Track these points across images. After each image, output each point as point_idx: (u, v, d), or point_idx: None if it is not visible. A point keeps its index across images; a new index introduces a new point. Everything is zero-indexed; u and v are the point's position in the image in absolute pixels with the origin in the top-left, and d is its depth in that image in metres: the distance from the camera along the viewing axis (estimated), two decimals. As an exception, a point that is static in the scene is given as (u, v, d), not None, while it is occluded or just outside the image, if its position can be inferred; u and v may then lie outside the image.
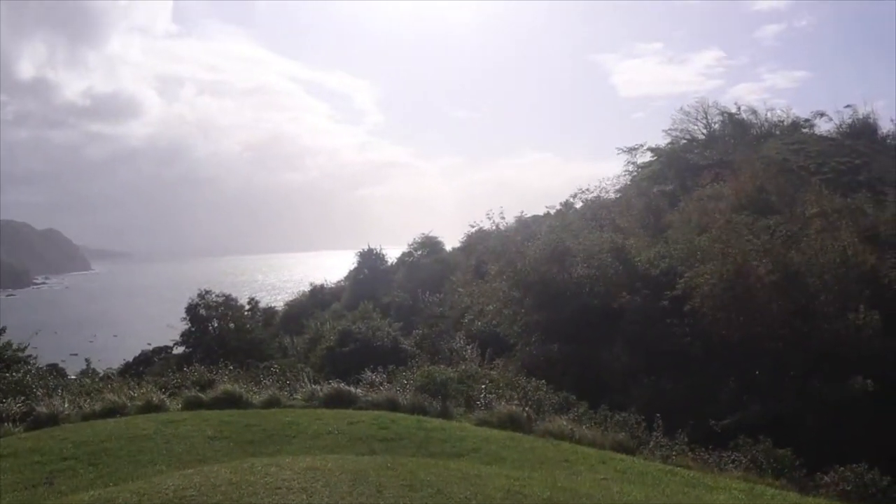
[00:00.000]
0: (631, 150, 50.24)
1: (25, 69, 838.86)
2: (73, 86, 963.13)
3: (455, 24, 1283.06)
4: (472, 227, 46.23)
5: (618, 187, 47.27)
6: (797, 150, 45.20)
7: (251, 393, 14.93)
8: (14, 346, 27.19)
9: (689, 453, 12.02)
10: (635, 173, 48.31)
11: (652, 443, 12.40)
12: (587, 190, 48.10)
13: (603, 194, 46.62)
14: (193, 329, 41.28)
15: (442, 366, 18.11)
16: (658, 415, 13.26)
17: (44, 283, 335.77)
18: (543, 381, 16.90)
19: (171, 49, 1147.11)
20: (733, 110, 52.98)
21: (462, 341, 24.98)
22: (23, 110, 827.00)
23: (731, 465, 11.85)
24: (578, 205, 47.80)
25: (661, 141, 50.68)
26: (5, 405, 14.25)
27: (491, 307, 29.70)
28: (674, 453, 11.86)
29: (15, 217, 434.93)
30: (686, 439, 12.70)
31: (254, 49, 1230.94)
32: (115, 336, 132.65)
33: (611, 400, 16.27)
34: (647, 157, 49.87)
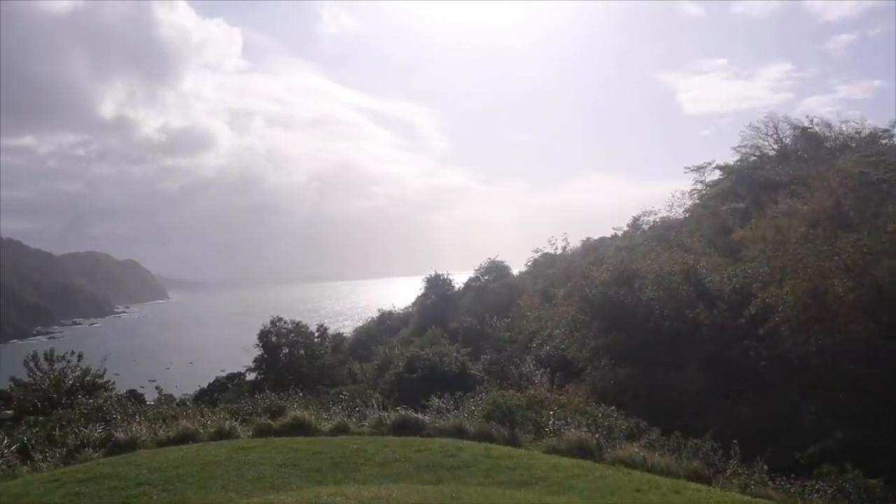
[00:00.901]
0: (699, 169, 49.09)
1: (107, 109, 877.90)
2: (150, 123, 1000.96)
3: (515, 50, 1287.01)
4: (538, 251, 45.95)
5: (686, 207, 46.21)
6: (876, 163, 43.38)
7: (320, 420, 15.05)
8: (93, 373, 28.26)
9: (770, 483, 11.49)
10: (704, 192, 47.11)
11: (729, 471, 11.90)
12: (654, 210, 47.30)
13: (671, 214, 45.74)
14: (265, 355, 42.06)
15: (510, 391, 17.93)
16: (735, 441, 12.68)
17: (124, 311, 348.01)
18: (613, 406, 16.51)
19: (241, 84, 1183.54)
20: (805, 124, 51.28)
21: (530, 366, 24.70)
22: (105, 147, 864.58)
23: (815, 495, 11.28)
24: (645, 226, 46.95)
25: (730, 158, 49.31)
26: (87, 431, 14.74)
27: (559, 331, 29.34)
28: (753, 482, 11.36)
29: (97, 248, 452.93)
30: (765, 468, 12.13)
31: (320, 81, 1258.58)
32: (190, 363, 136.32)
33: (684, 426, 15.74)
34: (716, 175, 48.62)
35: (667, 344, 24.03)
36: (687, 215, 43.92)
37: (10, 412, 30.35)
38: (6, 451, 12.63)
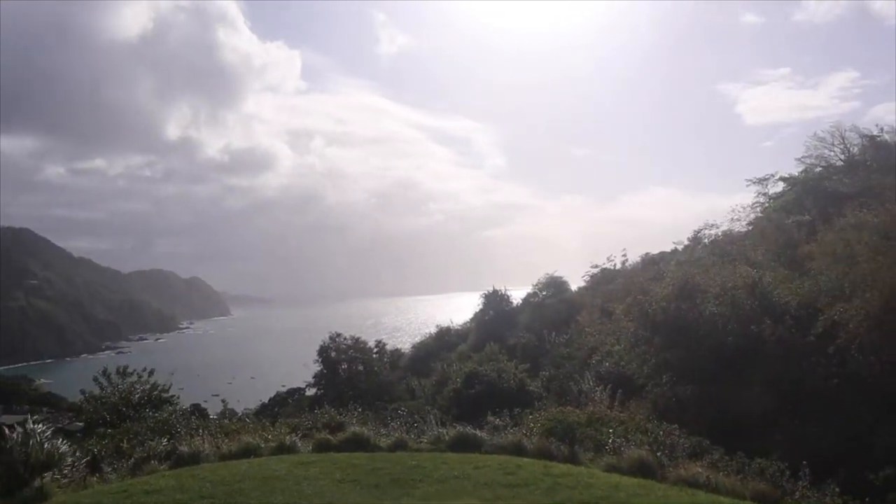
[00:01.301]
0: (761, 181, 47.76)
1: (172, 131, 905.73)
2: (213, 144, 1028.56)
3: (572, 64, 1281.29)
4: (597, 266, 45.43)
5: (748, 220, 45.05)
6: (951, 171, 41.69)
7: (379, 436, 15.14)
8: (160, 387, 29.05)
9: (842, 505, 11.11)
10: (767, 204, 45.87)
11: (798, 493, 11.51)
12: (715, 224, 46.28)
13: (732, 228, 44.67)
14: (325, 371, 42.63)
15: (569, 408, 17.74)
16: (804, 462, 12.29)
17: (188, 327, 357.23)
18: (675, 424, 16.18)
19: (300, 104, 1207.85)
20: (874, 132, 49.53)
21: (590, 382, 24.40)
22: (170, 168, 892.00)
23: (890, 518, 10.86)
24: (706, 240, 45.95)
25: (794, 169, 47.85)
26: (153, 444, 15.18)
27: (618, 347, 28.90)
28: (824, 505, 11.01)
29: (163, 266, 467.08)
30: (837, 490, 11.71)
31: (378, 100, 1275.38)
32: (252, 378, 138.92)
33: (749, 445, 15.28)
34: (780, 187, 47.29)
35: (730, 360, 23.42)
36: (749, 228, 42.83)
37: (80, 424, 31.43)
38: (77, 462, 13.06)
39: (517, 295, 59.68)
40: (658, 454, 12.71)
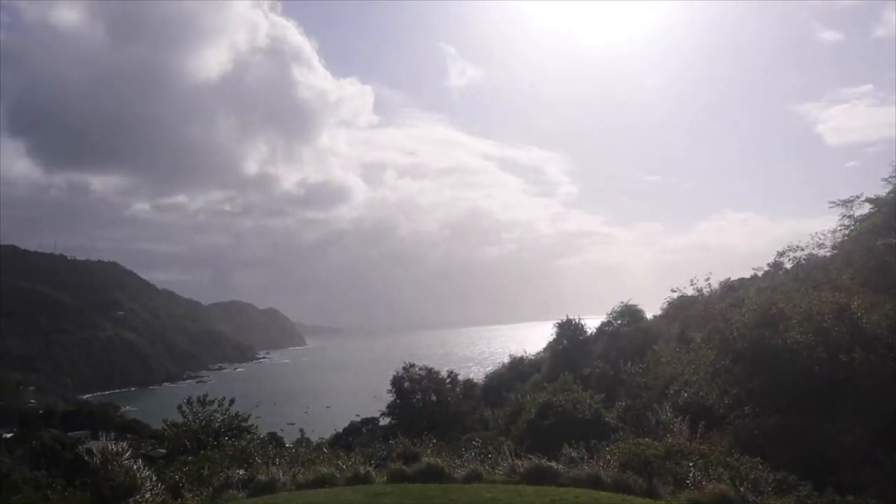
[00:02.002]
0: (846, 203, 45.80)
1: (251, 166, 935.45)
2: (289, 178, 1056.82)
3: (642, 89, 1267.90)
4: (674, 291, 44.38)
5: (833, 243, 43.26)
6: None
7: (453, 467, 15.04)
8: (240, 416, 29.68)
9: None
10: (853, 227, 44.01)
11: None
12: (797, 248, 44.60)
13: (816, 252, 42.95)
14: (398, 401, 42.75)
15: (647, 440, 17.28)
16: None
17: (265, 357, 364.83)
18: (759, 457, 15.53)
19: (373, 138, 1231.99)
20: (967, 148, 47.18)
21: (668, 413, 23.72)
22: (248, 202, 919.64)
23: None
24: (789, 265, 44.32)
25: (881, 190, 45.85)
26: (231, 472, 15.47)
27: (697, 377, 28.03)
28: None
29: (241, 298, 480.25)
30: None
31: (448, 131, 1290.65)
32: (327, 407, 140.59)
33: (839, 481, 14.55)
34: (866, 208, 45.34)
35: (818, 390, 22.41)
36: (835, 252, 41.15)
37: (162, 451, 32.35)
38: (158, 488, 13.40)
39: (591, 324, 58.81)
40: (741, 489, 12.23)
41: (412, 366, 43.98)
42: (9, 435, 77.73)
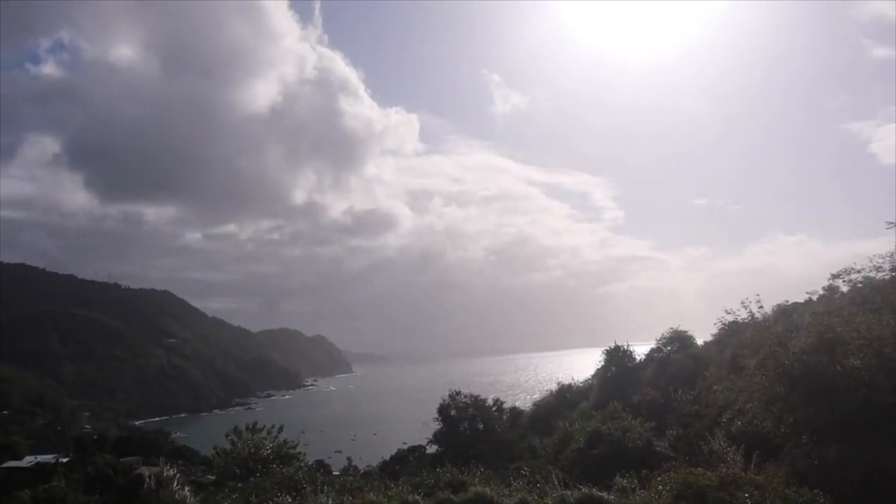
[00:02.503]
0: (904, 223, 44.54)
1: (299, 195, 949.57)
2: (336, 206, 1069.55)
3: (687, 111, 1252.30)
4: (728, 313, 43.34)
5: (892, 265, 41.88)
6: None
7: (501, 496, 14.84)
8: (288, 444, 29.81)
9: None
10: (913, 247, 42.61)
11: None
12: (854, 270, 43.26)
13: (874, 275, 41.59)
14: (445, 429, 42.47)
15: (699, 470, 16.83)
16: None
17: (312, 384, 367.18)
18: (818, 489, 14.98)
19: (419, 166, 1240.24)
20: None
21: (721, 442, 23.10)
22: (296, 231, 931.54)
23: None
24: (844, 288, 42.99)
25: (942, 209, 44.43)
26: (279, 500, 15.47)
27: (751, 404, 27.24)
28: None
29: (290, 325, 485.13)
30: None
31: (494, 158, 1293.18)
32: (374, 434, 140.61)
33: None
34: (926, 227, 43.90)
35: (881, 419, 21.56)
36: (894, 275, 39.85)
37: (212, 477, 32.67)
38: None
39: (640, 351, 58.07)
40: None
41: (458, 393, 43.70)
42: (65, 460, 79.49)
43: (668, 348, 54.13)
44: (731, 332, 44.77)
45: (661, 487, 14.62)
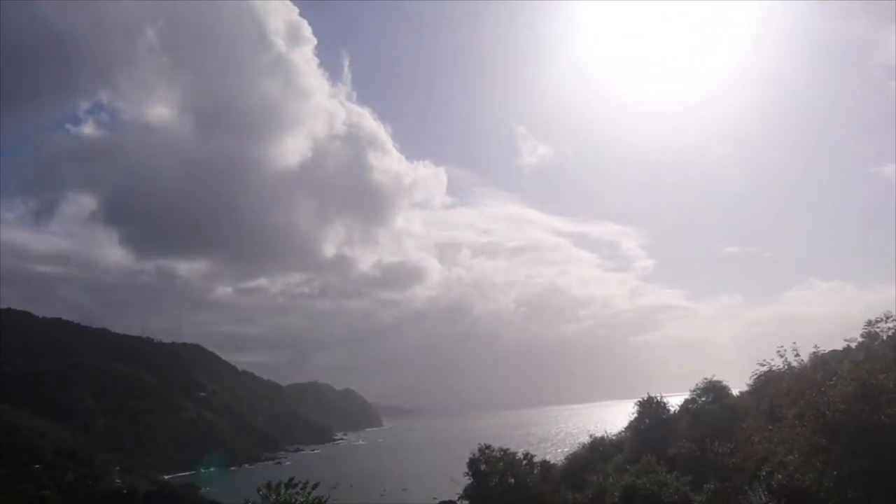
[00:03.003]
0: (943, 268, 43.43)
1: (328, 249, 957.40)
2: (366, 259, 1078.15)
3: (715, 158, 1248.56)
4: (763, 365, 42.34)
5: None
6: None
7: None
8: (319, 500, 29.29)
9: None
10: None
11: None
12: (891, 318, 42.14)
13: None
14: (475, 484, 41.69)
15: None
16: None
17: (342, 438, 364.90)
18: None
19: (447, 218, 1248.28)
20: None
21: (761, 497, 22.27)
22: (326, 284, 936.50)
23: None
24: (884, 335, 41.87)
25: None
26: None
27: (792, 457, 26.31)
28: None
29: (319, 379, 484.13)
30: None
31: (521, 209, 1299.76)
32: (404, 490, 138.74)
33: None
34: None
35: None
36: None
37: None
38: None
39: (674, 402, 56.95)
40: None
41: (488, 447, 43.00)
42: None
43: (703, 399, 53.06)
44: (768, 382, 43.69)
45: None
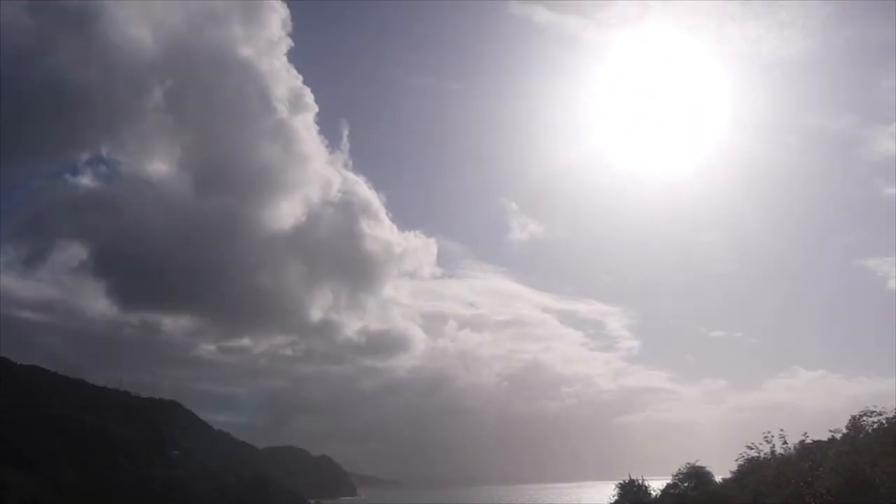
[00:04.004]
0: (929, 365, 43.61)
1: (315, 313, 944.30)
2: (351, 326, 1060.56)
3: (703, 243, 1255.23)
4: (750, 448, 42.02)
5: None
6: None
7: None
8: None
9: None
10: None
11: None
12: (876, 412, 42.02)
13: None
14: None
15: None
16: None
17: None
18: None
19: (434, 289, 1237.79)
20: None
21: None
22: (310, 348, 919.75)
23: None
24: (869, 427, 41.64)
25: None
26: None
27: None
28: None
29: (296, 443, 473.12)
30: None
31: (509, 284, 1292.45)
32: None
33: None
34: (954, 374, 42.90)
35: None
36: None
37: None
38: None
39: (655, 485, 55.94)
40: None
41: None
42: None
43: (685, 484, 52.25)
44: (753, 469, 43.22)
45: None
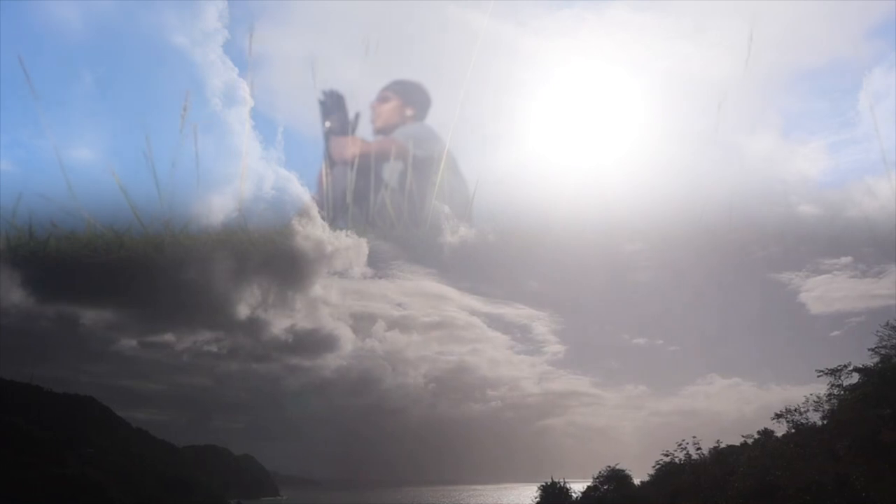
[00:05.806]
0: (834, 372, 45.49)
1: (242, 311, 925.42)
2: (279, 324, 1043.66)
3: (628, 253, 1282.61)
4: (666, 455, 42.90)
5: (823, 412, 42.53)
6: None
7: None
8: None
9: None
10: (844, 396, 43.42)
11: None
12: (796, 411, 43.65)
13: (806, 420, 42.04)
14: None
15: None
16: None
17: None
18: None
19: (364, 289, 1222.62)
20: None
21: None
22: (236, 346, 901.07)
23: None
24: (779, 433, 43.19)
25: (868, 359, 45.67)
26: None
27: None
28: None
29: (218, 441, 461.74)
30: None
31: (438, 286, 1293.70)
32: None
33: None
34: (855, 377, 44.96)
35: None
36: (825, 422, 40.32)
37: None
38: None
39: (577, 488, 56.52)
40: None
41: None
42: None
43: (605, 487, 53.00)
44: (669, 473, 44.12)
45: None
